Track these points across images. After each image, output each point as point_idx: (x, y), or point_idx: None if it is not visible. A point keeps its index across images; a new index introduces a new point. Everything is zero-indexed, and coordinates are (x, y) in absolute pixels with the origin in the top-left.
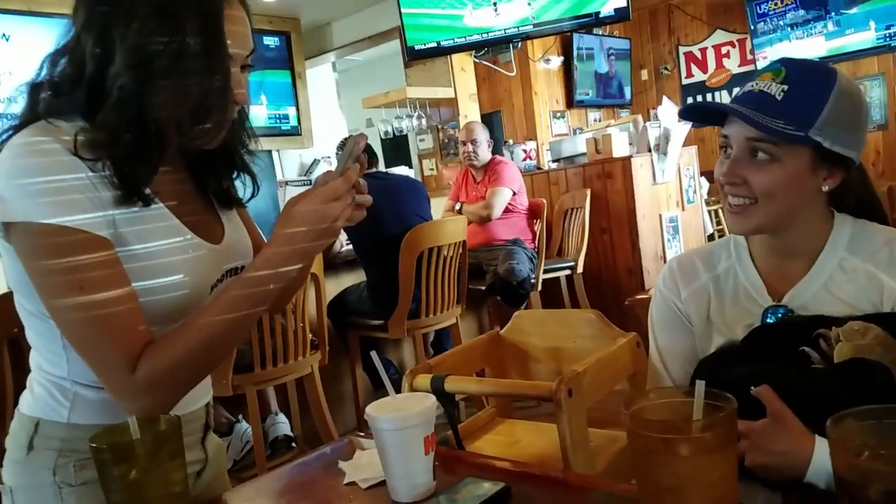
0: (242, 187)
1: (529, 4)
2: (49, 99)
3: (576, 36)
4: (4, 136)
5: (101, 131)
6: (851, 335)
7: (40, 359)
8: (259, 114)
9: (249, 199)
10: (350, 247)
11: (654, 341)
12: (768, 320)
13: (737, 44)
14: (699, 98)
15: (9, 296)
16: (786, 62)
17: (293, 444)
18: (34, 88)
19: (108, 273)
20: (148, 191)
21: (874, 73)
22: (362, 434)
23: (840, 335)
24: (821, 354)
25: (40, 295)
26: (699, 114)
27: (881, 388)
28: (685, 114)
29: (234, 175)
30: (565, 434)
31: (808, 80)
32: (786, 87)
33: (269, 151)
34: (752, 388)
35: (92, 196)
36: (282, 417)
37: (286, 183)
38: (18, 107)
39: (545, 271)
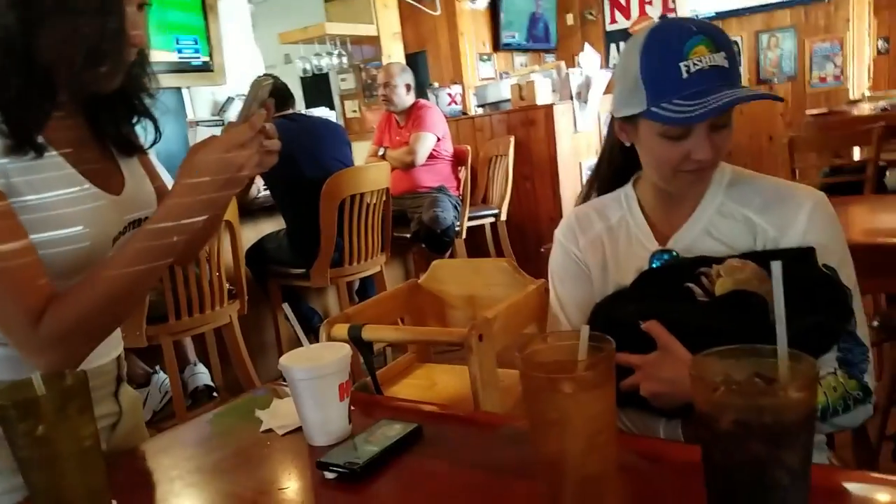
0: (143, 133)
1: None
2: None
3: None
4: None
5: None
6: (730, 271)
7: None
8: (166, 50)
9: (151, 145)
10: (268, 192)
11: (553, 290)
12: (654, 263)
13: None
14: (621, 44)
15: None
16: (702, 29)
17: (214, 395)
18: None
19: (2, 225)
20: (41, 139)
21: (786, 26)
22: (284, 383)
23: (720, 271)
24: (703, 290)
25: None
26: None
27: (758, 315)
28: (694, 119)
29: (135, 120)
30: (476, 376)
31: (726, 40)
32: (724, 54)
33: (179, 89)
34: (641, 322)
35: None
36: (201, 368)
37: (197, 123)
38: None
39: (470, 219)
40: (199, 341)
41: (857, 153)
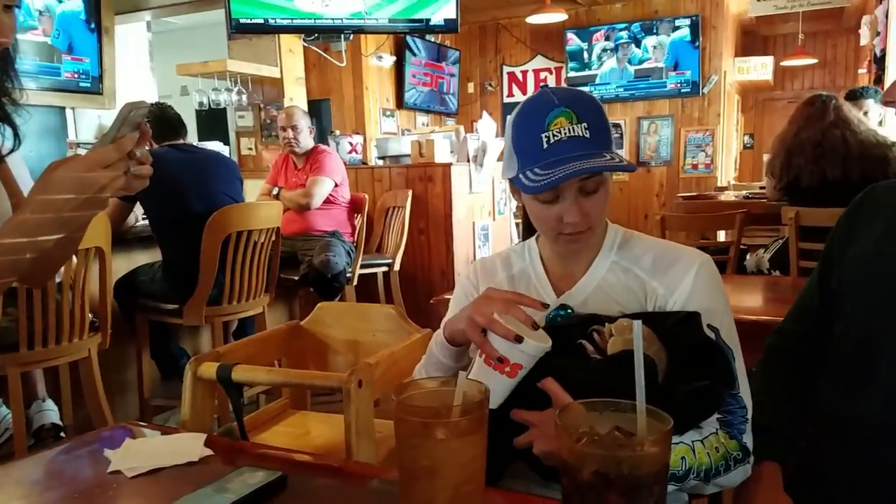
0: (1, 139)
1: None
2: None
3: (409, 38)
4: None
5: None
6: (621, 330)
7: None
8: (55, 65)
9: (9, 152)
10: (146, 222)
11: (446, 319)
12: (551, 316)
13: (554, 71)
14: None
15: None
16: (564, 101)
17: (62, 434)
18: None
19: None
20: None
21: (665, 114)
22: (143, 424)
23: (612, 330)
24: (595, 347)
25: None
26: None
27: (646, 375)
28: (538, 189)
29: None
30: (351, 423)
31: (592, 110)
32: (586, 125)
33: (62, 108)
34: (537, 380)
35: None
36: (50, 404)
37: (79, 144)
38: None
39: (362, 266)
40: (51, 375)
41: (721, 235)
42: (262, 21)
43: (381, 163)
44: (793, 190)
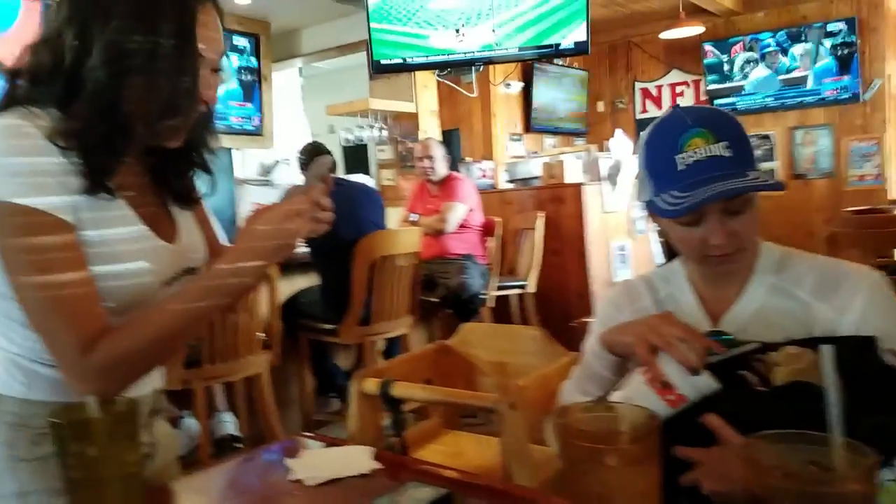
0: (201, 185)
1: (493, 31)
2: (27, 87)
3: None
4: None
5: (76, 121)
6: (788, 360)
7: None
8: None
9: (209, 195)
10: (305, 249)
11: (591, 338)
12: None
13: (691, 84)
14: None
15: None
16: (698, 121)
17: (238, 445)
18: (12, 75)
19: (68, 256)
20: (111, 184)
21: (822, 123)
22: (309, 435)
23: (778, 360)
24: (759, 378)
25: (5, 271)
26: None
27: (818, 408)
28: (679, 213)
29: (193, 172)
30: (507, 446)
31: (731, 127)
32: (726, 143)
33: (230, 149)
34: (700, 416)
35: (62, 181)
36: (228, 416)
37: (244, 181)
38: None
39: (498, 288)
40: (228, 390)
41: None
42: (400, 61)
43: (510, 186)
44: None
